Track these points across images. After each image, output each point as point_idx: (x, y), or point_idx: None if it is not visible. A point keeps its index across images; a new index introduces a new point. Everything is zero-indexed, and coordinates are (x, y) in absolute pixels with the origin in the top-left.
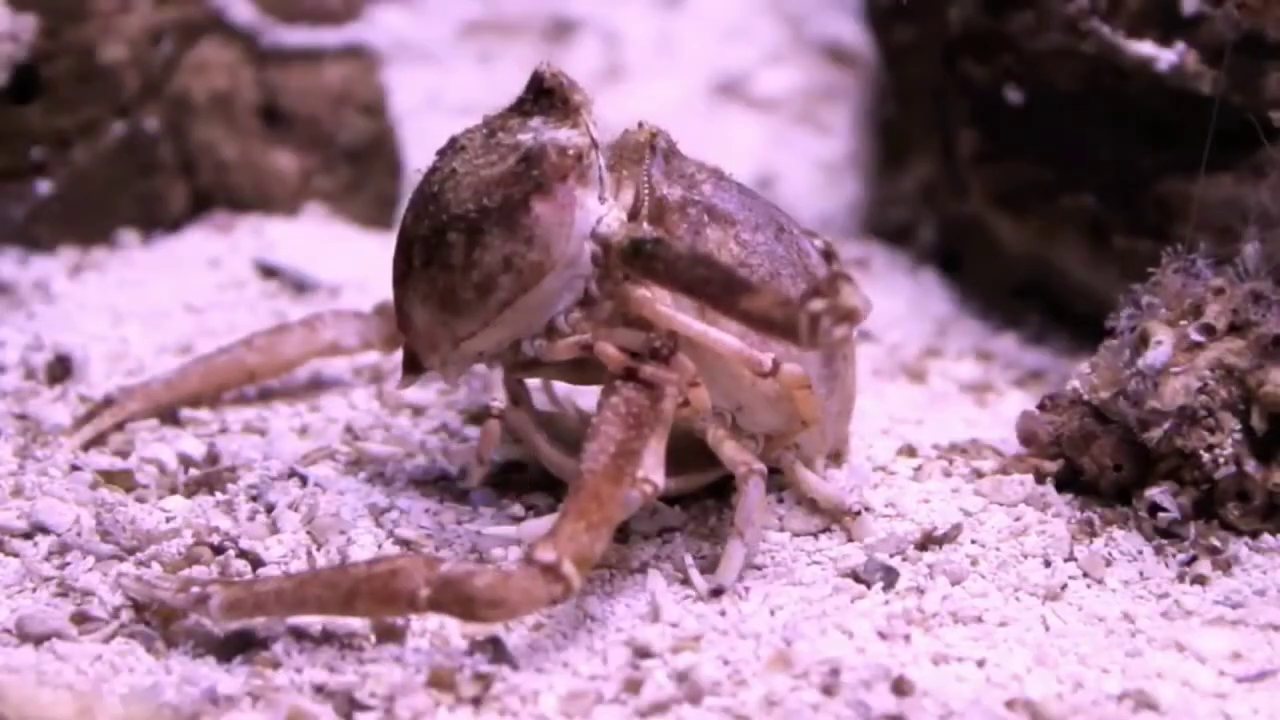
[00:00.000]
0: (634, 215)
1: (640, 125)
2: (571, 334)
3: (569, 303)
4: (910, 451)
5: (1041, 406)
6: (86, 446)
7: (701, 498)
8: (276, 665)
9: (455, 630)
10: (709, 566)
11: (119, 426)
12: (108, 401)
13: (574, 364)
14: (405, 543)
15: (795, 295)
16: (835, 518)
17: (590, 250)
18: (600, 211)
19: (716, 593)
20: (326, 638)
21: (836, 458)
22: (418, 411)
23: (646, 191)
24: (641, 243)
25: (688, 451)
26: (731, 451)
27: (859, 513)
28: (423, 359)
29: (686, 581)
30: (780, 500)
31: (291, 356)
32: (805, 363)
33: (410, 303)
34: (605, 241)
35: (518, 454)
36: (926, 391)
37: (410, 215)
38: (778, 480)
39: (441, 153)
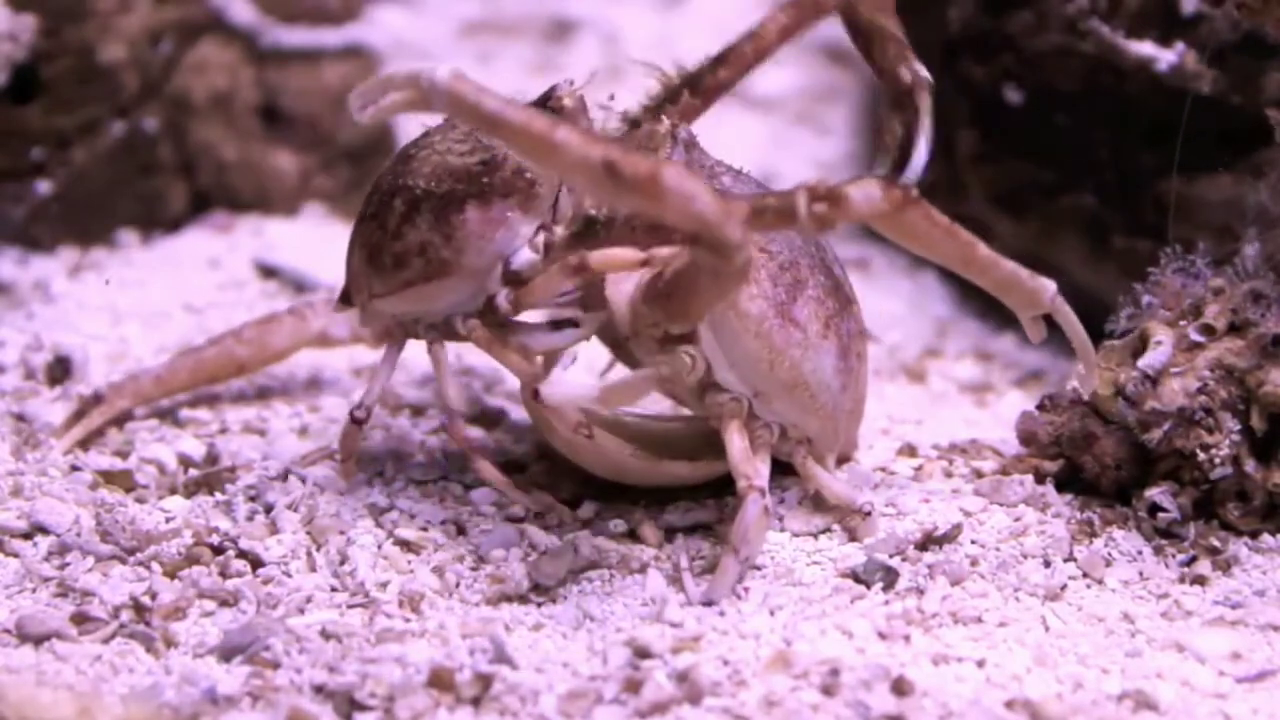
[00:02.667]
0: None
1: (660, 118)
2: (467, 337)
3: (468, 310)
4: (910, 451)
5: (1041, 407)
6: (85, 445)
7: (702, 497)
8: (276, 665)
9: (455, 630)
10: (708, 568)
11: (118, 424)
12: (97, 399)
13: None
14: (405, 543)
15: (812, 284)
16: (844, 516)
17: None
18: (531, 236)
19: (708, 604)
20: (326, 638)
21: (842, 462)
22: (418, 411)
23: None
24: (591, 216)
25: (700, 441)
26: (739, 458)
27: (869, 513)
28: (353, 297)
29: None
30: (781, 500)
31: (281, 347)
32: (823, 353)
33: (355, 242)
34: (548, 242)
35: (518, 453)
36: (926, 391)
37: (387, 166)
38: (779, 480)
39: (441, 123)
